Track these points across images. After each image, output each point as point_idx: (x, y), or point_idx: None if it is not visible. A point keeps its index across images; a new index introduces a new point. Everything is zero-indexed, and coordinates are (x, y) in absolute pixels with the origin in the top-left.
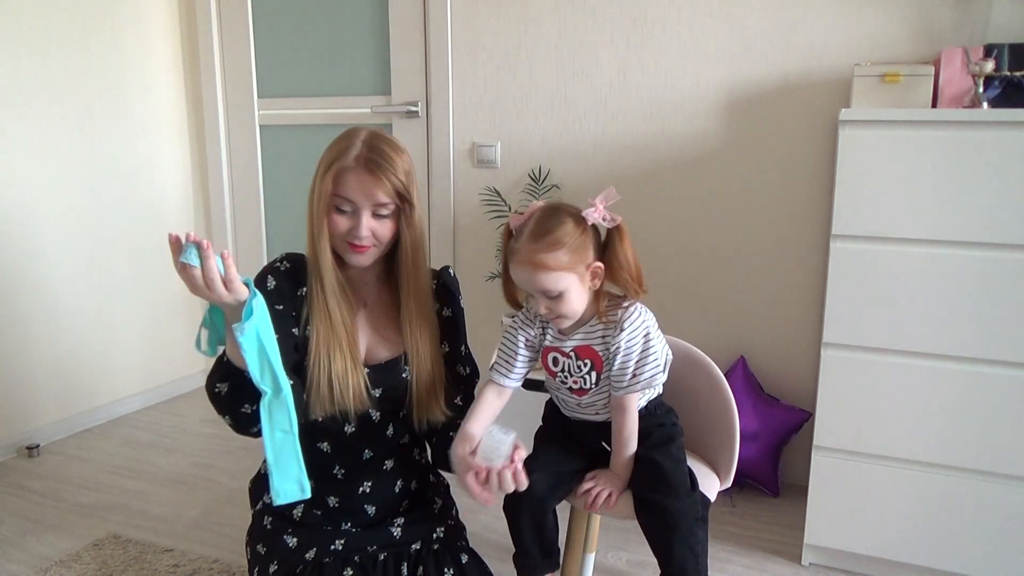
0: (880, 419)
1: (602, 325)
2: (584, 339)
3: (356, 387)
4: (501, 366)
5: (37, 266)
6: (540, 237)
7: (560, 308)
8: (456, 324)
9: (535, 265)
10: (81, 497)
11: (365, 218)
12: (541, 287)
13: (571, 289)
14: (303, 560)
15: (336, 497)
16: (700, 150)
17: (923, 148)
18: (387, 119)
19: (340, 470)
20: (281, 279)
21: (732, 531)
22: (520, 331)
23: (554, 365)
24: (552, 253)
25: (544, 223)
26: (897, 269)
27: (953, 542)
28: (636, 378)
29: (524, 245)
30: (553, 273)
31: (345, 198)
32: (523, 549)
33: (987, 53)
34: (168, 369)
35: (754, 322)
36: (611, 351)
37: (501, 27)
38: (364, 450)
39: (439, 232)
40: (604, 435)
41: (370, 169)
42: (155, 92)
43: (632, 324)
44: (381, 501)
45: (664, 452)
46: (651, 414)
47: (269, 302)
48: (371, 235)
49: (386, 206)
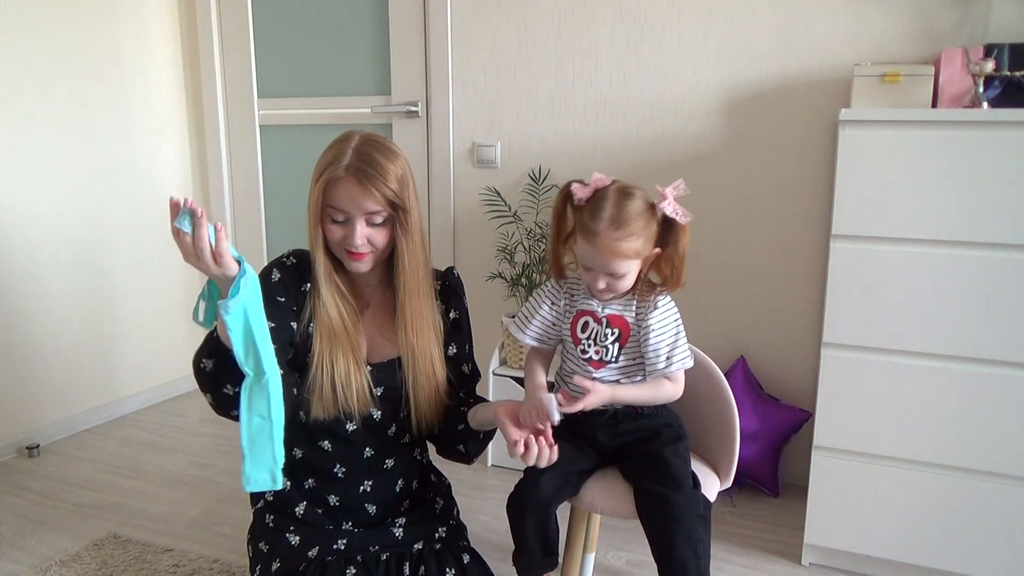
0: (880, 419)
1: (636, 301)
2: (618, 310)
3: (360, 388)
4: (521, 320)
5: (37, 266)
6: (622, 225)
7: (618, 285)
8: (461, 326)
9: (614, 252)
10: (81, 497)
11: (359, 227)
12: (612, 270)
13: (632, 271)
14: (306, 558)
15: (336, 496)
16: (700, 150)
17: (923, 148)
18: (387, 119)
19: (341, 468)
20: (286, 273)
21: (732, 531)
22: (548, 295)
23: (582, 331)
24: (632, 243)
25: (624, 209)
26: (897, 269)
27: (953, 542)
28: (670, 360)
29: (605, 230)
30: (628, 259)
31: (337, 208)
32: (524, 548)
33: (987, 53)
34: (168, 369)
35: (754, 322)
36: (642, 328)
37: (501, 27)
38: (365, 449)
39: (439, 232)
40: (606, 432)
41: (359, 179)
42: (155, 92)
43: (665, 305)
44: (382, 500)
45: (672, 449)
46: (658, 414)
47: (271, 294)
48: (367, 242)
49: (379, 214)
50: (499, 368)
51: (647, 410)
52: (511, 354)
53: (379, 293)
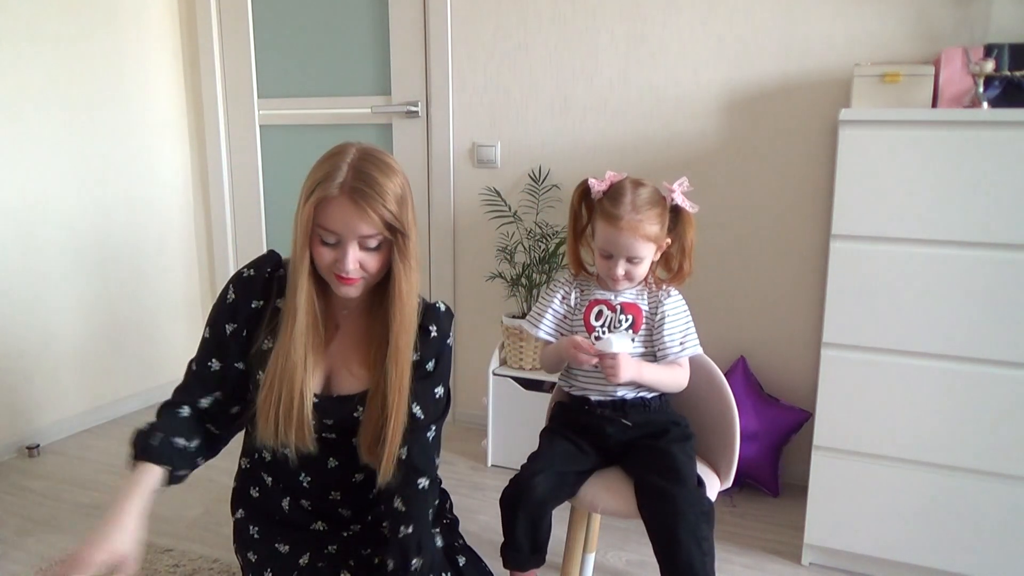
0: (880, 419)
1: (648, 291)
2: (632, 298)
3: (299, 424)
4: (534, 317)
5: (37, 266)
6: (642, 208)
7: (635, 271)
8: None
9: (637, 232)
10: (81, 497)
11: (351, 250)
12: (633, 252)
13: (648, 257)
14: (297, 566)
15: (308, 502)
16: (700, 150)
17: (923, 148)
18: (387, 119)
19: (306, 478)
20: (239, 292)
21: (732, 531)
22: (560, 288)
23: (596, 319)
24: (651, 226)
25: (641, 195)
26: (897, 269)
27: (953, 542)
28: (683, 346)
29: (629, 214)
30: (648, 242)
31: (328, 229)
32: (513, 543)
33: (987, 53)
34: (168, 369)
35: (754, 322)
36: (656, 316)
37: (501, 27)
38: (328, 459)
39: (439, 232)
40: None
41: (355, 200)
42: (155, 92)
43: (676, 294)
44: (355, 507)
45: (679, 447)
46: (665, 410)
47: (220, 321)
48: (359, 267)
49: (374, 238)
50: (499, 368)
51: (653, 404)
52: (511, 354)
53: (353, 319)
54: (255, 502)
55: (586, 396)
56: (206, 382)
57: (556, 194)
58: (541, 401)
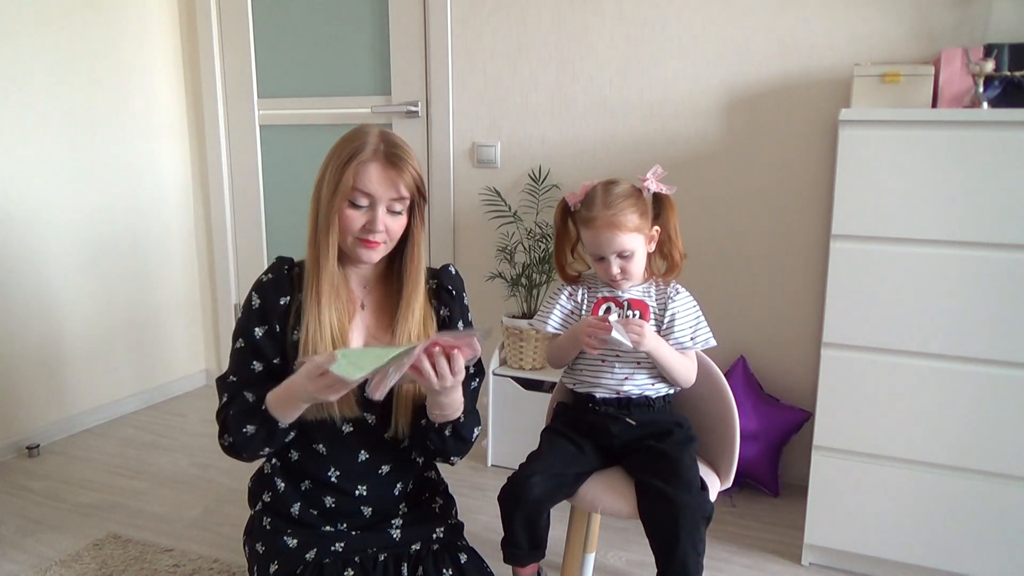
0: (880, 419)
1: (655, 287)
2: (638, 295)
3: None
4: (542, 313)
5: (37, 265)
6: (615, 202)
7: (630, 267)
8: (453, 325)
9: (615, 226)
10: (81, 497)
11: (381, 212)
12: (619, 247)
13: (639, 249)
14: (303, 560)
15: (332, 499)
16: (700, 150)
17: (923, 148)
18: (387, 119)
19: (335, 472)
20: (265, 294)
21: (732, 531)
22: (567, 286)
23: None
24: (629, 215)
25: (612, 192)
26: (897, 269)
27: (953, 542)
28: (695, 341)
29: (601, 212)
30: (630, 233)
31: (364, 192)
32: (512, 539)
33: (987, 53)
34: (168, 369)
35: (754, 322)
36: (666, 316)
37: (501, 27)
38: (360, 452)
39: (439, 232)
40: (618, 420)
41: (392, 162)
42: (155, 92)
43: (684, 291)
44: (378, 504)
45: (682, 449)
46: (668, 411)
47: (250, 325)
48: (384, 231)
49: (403, 200)
50: (499, 368)
51: (657, 404)
52: (511, 354)
53: (375, 293)
54: (268, 504)
55: (591, 393)
56: (252, 383)
57: (556, 194)
58: (541, 401)
